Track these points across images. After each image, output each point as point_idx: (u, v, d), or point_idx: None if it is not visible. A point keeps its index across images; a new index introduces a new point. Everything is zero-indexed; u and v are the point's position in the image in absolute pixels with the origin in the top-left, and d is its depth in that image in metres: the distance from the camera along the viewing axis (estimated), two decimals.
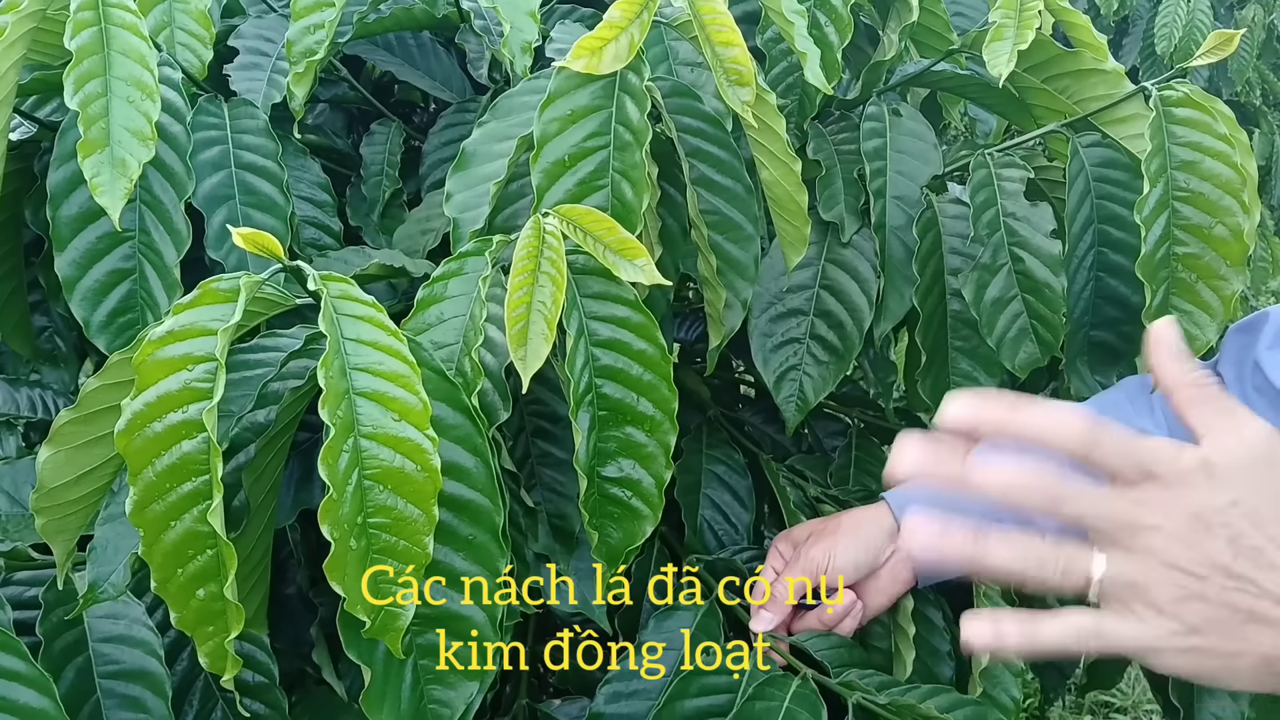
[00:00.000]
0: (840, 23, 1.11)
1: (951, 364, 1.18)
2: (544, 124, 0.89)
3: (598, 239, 0.84)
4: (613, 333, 0.86)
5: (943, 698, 0.99)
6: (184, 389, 0.69)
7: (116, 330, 0.98)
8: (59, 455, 0.76)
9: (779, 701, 0.97)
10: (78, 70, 0.93)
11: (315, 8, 1.07)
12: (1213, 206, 1.02)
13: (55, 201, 0.97)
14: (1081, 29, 1.11)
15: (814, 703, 0.97)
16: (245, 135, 1.07)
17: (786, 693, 0.98)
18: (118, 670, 0.92)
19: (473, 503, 0.78)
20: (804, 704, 0.97)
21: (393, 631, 0.73)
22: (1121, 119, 1.09)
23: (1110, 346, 1.16)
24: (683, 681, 1.00)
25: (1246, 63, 3.54)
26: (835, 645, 1.06)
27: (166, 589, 0.71)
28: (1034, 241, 1.12)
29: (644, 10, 0.89)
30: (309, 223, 1.13)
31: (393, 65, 1.28)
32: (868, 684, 1.00)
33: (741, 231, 0.99)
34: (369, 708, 0.77)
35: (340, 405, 0.70)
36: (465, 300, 0.85)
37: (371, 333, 0.73)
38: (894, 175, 1.17)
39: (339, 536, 0.69)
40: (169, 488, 0.69)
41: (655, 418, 0.87)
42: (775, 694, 0.97)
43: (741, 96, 0.93)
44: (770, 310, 1.18)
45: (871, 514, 1.12)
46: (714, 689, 1.00)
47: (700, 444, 1.28)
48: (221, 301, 0.72)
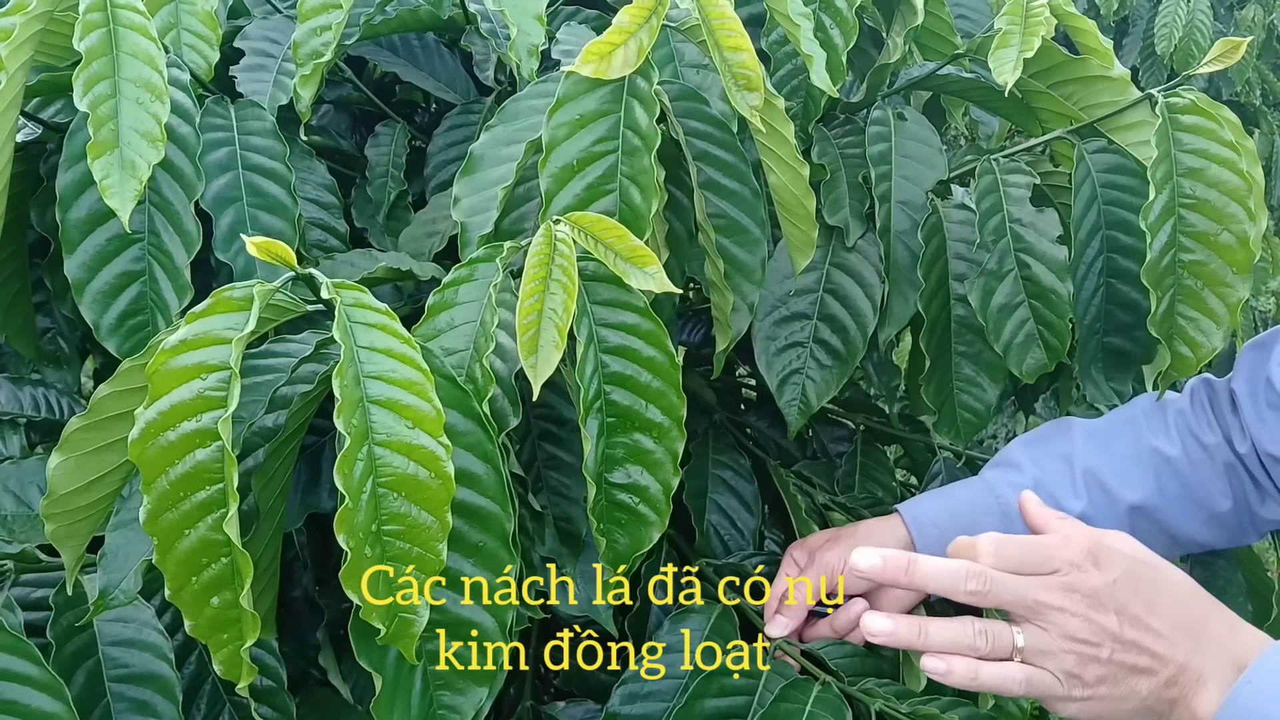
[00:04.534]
0: (845, 25, 1.11)
1: (955, 369, 1.18)
2: (552, 128, 0.90)
3: (608, 246, 0.85)
4: (622, 340, 0.86)
5: (962, 709, 1.00)
6: (197, 398, 0.69)
7: (126, 333, 0.97)
8: (69, 461, 0.76)
9: (801, 705, 0.97)
10: (87, 72, 0.93)
11: (322, 9, 1.07)
12: (1218, 213, 1.02)
13: (64, 204, 0.97)
14: (1087, 34, 1.11)
15: (838, 707, 0.98)
16: (252, 137, 1.07)
17: (809, 697, 0.98)
18: (128, 674, 0.92)
19: (483, 509, 0.79)
20: (828, 708, 0.97)
21: (406, 638, 0.73)
22: (1127, 125, 1.09)
23: (1124, 352, 1.16)
24: (703, 682, 1.00)
25: (1246, 63, 3.55)
26: (849, 654, 1.06)
27: (180, 597, 0.71)
28: (1040, 247, 1.12)
29: (652, 15, 0.89)
30: (315, 224, 1.13)
31: (397, 66, 1.27)
32: (887, 693, 1.00)
33: (748, 235, 0.99)
34: (379, 713, 0.77)
35: (355, 414, 0.70)
36: (476, 306, 0.85)
37: (385, 340, 0.74)
38: (899, 180, 1.17)
39: (354, 545, 0.69)
40: (183, 496, 0.69)
41: (663, 425, 0.87)
42: (798, 697, 0.98)
43: (750, 101, 0.93)
44: (774, 314, 1.18)
45: (886, 524, 1.13)
46: (733, 690, 1.01)
47: (707, 448, 1.28)
48: (235, 310, 0.72)
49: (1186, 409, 1.14)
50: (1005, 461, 1.16)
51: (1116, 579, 0.86)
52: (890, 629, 0.86)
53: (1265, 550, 1.50)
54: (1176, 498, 1.11)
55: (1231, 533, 1.14)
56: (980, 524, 1.11)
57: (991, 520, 1.11)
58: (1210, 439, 1.12)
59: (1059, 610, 0.85)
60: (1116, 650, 0.85)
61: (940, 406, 1.18)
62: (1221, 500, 1.11)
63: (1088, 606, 0.85)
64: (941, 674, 0.85)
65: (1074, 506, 1.11)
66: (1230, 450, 1.11)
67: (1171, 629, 0.86)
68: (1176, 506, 1.12)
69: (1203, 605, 0.89)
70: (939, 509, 1.13)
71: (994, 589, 0.85)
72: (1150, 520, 1.12)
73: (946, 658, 0.85)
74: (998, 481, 1.13)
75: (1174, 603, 0.88)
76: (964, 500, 1.13)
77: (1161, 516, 1.11)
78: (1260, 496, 1.11)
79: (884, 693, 1.01)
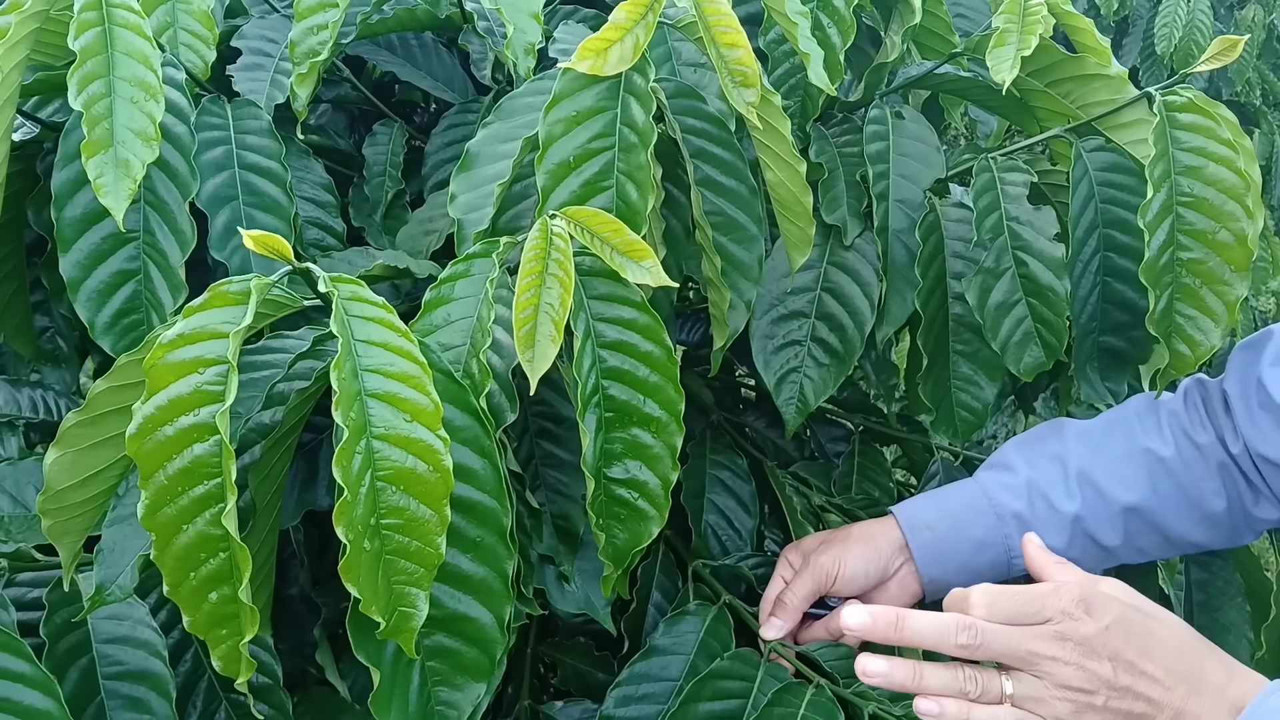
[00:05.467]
0: (843, 24, 1.11)
1: (952, 367, 1.18)
2: (549, 125, 0.90)
3: (605, 240, 0.84)
4: (620, 334, 0.86)
5: None
6: (195, 392, 0.69)
7: (121, 331, 0.97)
8: (66, 457, 0.76)
9: (795, 708, 0.97)
10: (81, 71, 0.93)
11: (318, 8, 1.07)
12: (1217, 212, 1.02)
13: (59, 202, 0.96)
14: (1085, 33, 1.12)
15: (831, 710, 0.98)
16: (249, 136, 1.07)
17: (802, 700, 0.98)
18: (121, 671, 0.92)
19: (480, 504, 0.79)
20: (820, 711, 0.97)
21: (406, 632, 0.73)
22: (1125, 124, 1.09)
23: (1119, 352, 1.16)
24: (697, 685, 1.00)
25: (1246, 63, 3.55)
26: (844, 656, 1.06)
27: (179, 593, 0.71)
28: (1038, 245, 1.12)
29: (649, 12, 0.89)
30: (312, 223, 1.13)
31: (395, 66, 1.27)
32: (880, 696, 1.00)
33: (745, 233, 0.99)
34: (377, 709, 0.77)
35: (353, 407, 0.70)
36: (472, 302, 0.85)
37: (382, 334, 0.73)
38: (897, 178, 1.17)
39: (353, 538, 0.69)
40: (180, 491, 0.69)
41: (661, 419, 0.87)
42: (791, 701, 0.98)
43: (746, 98, 0.93)
44: (772, 312, 1.18)
45: (881, 526, 1.13)
46: (727, 694, 1.01)
47: (704, 449, 1.28)
48: (232, 304, 0.72)
49: (1180, 409, 1.14)
50: (999, 463, 1.16)
51: (1109, 625, 0.87)
52: (885, 670, 0.87)
53: (1264, 550, 1.50)
54: (1170, 498, 1.11)
55: (1226, 533, 1.14)
56: (974, 526, 1.11)
57: (985, 522, 1.11)
58: (1203, 439, 1.11)
59: (1052, 659, 0.85)
60: (1112, 697, 0.85)
61: (938, 405, 1.18)
62: (1215, 500, 1.11)
63: (1081, 655, 0.86)
64: (934, 715, 0.86)
65: (1068, 507, 1.10)
66: (1224, 450, 1.11)
67: (1167, 673, 0.87)
68: (1170, 507, 1.11)
69: (1198, 650, 0.89)
70: (932, 511, 1.13)
71: (985, 641, 0.86)
72: (1144, 520, 1.11)
73: (939, 699, 0.86)
74: (991, 483, 1.13)
75: (1168, 648, 0.88)
76: (957, 502, 1.13)
77: (1155, 517, 1.11)
78: (1254, 496, 1.11)
79: (877, 696, 1.01)
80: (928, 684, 0.87)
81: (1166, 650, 0.88)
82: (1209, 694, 0.86)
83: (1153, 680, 0.86)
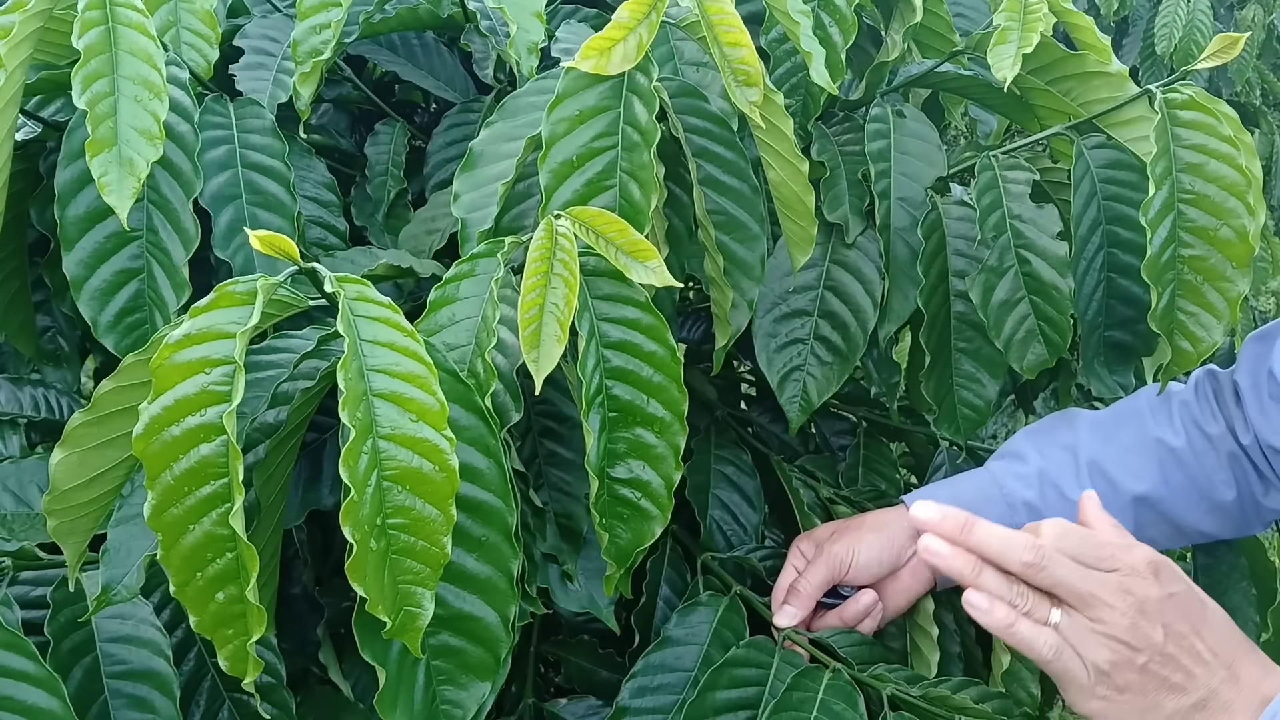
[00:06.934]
0: (844, 23, 1.11)
1: (955, 365, 1.18)
2: (552, 124, 0.90)
3: (609, 240, 0.85)
4: (624, 334, 0.86)
5: (973, 690, 1.00)
6: (202, 392, 0.69)
7: (124, 330, 0.97)
8: (72, 457, 0.76)
9: (814, 692, 0.98)
10: (85, 69, 0.93)
11: (321, 8, 1.07)
12: (1218, 209, 1.02)
13: (63, 201, 0.96)
14: (1085, 31, 1.12)
15: (849, 693, 0.98)
16: (252, 135, 1.07)
17: (820, 684, 0.99)
18: (125, 670, 0.92)
19: (485, 504, 0.79)
20: (839, 694, 0.98)
21: (412, 631, 0.73)
22: (1126, 121, 1.09)
23: (1126, 345, 1.16)
24: (714, 674, 1.00)
25: (1246, 63, 3.55)
26: (858, 642, 1.06)
27: (185, 593, 0.70)
28: (1040, 243, 1.13)
29: (652, 11, 0.89)
30: (314, 223, 1.13)
31: (396, 65, 1.27)
32: (897, 678, 1.01)
33: (748, 231, 0.99)
34: (382, 708, 0.77)
35: (359, 407, 0.70)
36: (477, 302, 0.85)
37: (388, 334, 0.74)
38: (898, 177, 1.17)
39: (360, 538, 0.69)
40: (187, 491, 0.69)
41: (665, 419, 0.87)
42: (810, 685, 0.98)
43: (749, 97, 0.93)
44: (775, 311, 1.18)
45: (893, 514, 1.13)
46: (744, 681, 1.01)
47: (709, 444, 1.28)
48: (239, 304, 0.72)
49: (1191, 400, 1.14)
50: (1010, 453, 1.16)
51: (1173, 594, 0.89)
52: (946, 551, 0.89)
53: (1269, 533, 1.50)
54: (1181, 488, 1.12)
55: (1236, 523, 1.14)
56: (985, 515, 1.10)
57: (996, 511, 1.11)
58: (1214, 430, 1.12)
59: (1109, 607, 0.87)
60: (1154, 661, 0.87)
61: (940, 403, 1.18)
62: (1226, 490, 1.12)
63: (1137, 612, 0.87)
64: (983, 610, 0.88)
65: (1078, 497, 1.11)
66: (1234, 441, 1.12)
67: (1213, 655, 0.89)
68: (1181, 497, 1.12)
69: (1243, 645, 0.91)
70: (944, 499, 1.12)
71: (1050, 566, 0.88)
72: (1155, 511, 1.12)
73: (990, 599, 0.88)
74: (1002, 473, 1.13)
75: (1219, 633, 0.90)
76: (969, 491, 1.13)
77: (1166, 507, 1.12)
78: (1264, 487, 1.12)
79: (894, 678, 1.01)
80: (985, 581, 0.89)
81: (1218, 635, 0.90)
82: (1246, 686, 0.89)
83: (1198, 657, 0.88)
